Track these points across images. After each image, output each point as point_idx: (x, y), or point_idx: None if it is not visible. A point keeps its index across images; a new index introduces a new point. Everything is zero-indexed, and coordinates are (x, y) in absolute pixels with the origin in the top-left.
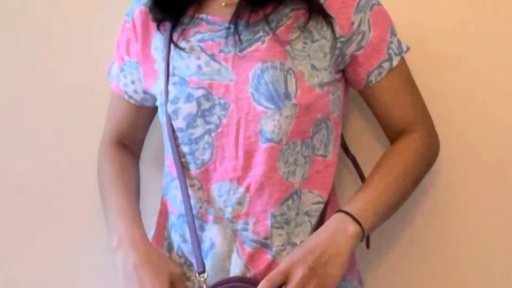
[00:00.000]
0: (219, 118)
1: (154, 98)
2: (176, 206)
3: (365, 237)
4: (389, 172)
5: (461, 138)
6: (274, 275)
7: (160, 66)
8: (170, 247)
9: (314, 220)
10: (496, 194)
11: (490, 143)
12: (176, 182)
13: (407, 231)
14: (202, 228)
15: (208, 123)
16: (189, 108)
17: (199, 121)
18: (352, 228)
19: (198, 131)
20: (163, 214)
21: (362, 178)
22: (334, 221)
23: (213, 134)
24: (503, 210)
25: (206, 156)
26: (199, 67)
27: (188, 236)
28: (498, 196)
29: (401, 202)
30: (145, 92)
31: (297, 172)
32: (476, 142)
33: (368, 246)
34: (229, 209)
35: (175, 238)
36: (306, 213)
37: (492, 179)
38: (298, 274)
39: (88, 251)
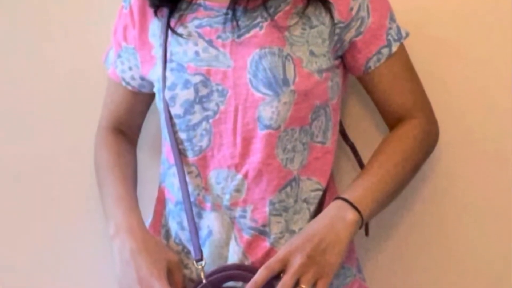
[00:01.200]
0: (217, 105)
1: (152, 85)
2: (173, 193)
3: (364, 225)
4: (388, 159)
5: (461, 124)
6: (272, 262)
7: (157, 52)
8: (167, 235)
9: (312, 208)
10: (495, 180)
11: (490, 130)
12: (174, 169)
13: (406, 218)
14: (200, 216)
15: (205, 109)
16: (186, 94)
17: (197, 107)
18: (351, 215)
19: (195, 118)
20: (161, 201)
21: (361, 165)
22: (333, 208)
23: (210, 120)
24: (503, 196)
25: (204, 142)
26: (197, 53)
27: (185, 223)
28: (498, 183)
29: (400, 189)
30: (142, 78)
31: (296, 159)
32: (476, 128)
33: (367, 233)
34: (227, 196)
35: (173, 226)
36: (305, 201)
37: (491, 165)
38: (296, 262)
39: (84, 238)
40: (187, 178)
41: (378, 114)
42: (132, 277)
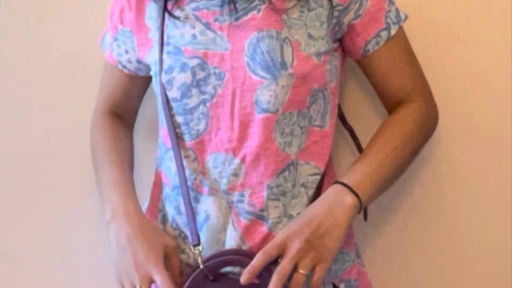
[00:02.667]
0: (214, 88)
1: (148, 68)
2: (170, 177)
3: (362, 209)
4: (387, 143)
5: (460, 108)
6: (270, 247)
7: (154, 35)
8: (164, 219)
9: (310, 192)
10: (495, 164)
11: (490, 114)
12: (171, 153)
13: (405, 202)
14: (197, 200)
15: (203, 93)
16: (183, 78)
17: (194, 91)
18: (349, 200)
19: (193, 101)
20: (157, 185)
21: (360, 149)
22: (331, 192)
23: (208, 104)
24: (503, 180)
25: (201, 126)
26: (194, 36)
27: (182, 208)
28: (498, 166)
29: (399, 173)
30: (139, 61)
31: (294, 143)
32: (475, 112)
33: (365, 218)
34: (224, 181)
35: (170, 210)
36: (303, 185)
37: (491, 149)
38: (294, 247)
39: (80, 221)
40: (184, 162)
41: (377, 98)
42: (129, 262)
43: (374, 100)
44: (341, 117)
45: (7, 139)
